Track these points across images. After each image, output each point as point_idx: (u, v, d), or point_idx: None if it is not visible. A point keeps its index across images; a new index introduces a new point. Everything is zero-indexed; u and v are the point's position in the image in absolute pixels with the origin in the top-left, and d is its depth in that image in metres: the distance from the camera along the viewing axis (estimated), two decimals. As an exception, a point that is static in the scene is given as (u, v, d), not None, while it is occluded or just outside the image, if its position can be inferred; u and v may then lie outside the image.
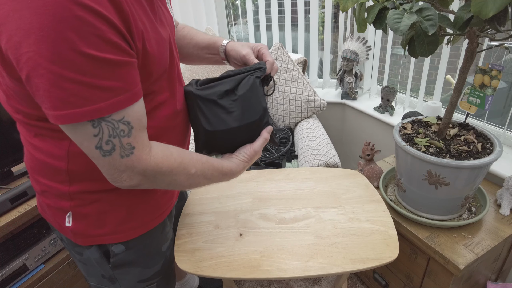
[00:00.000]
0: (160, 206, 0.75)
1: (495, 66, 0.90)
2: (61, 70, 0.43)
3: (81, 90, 0.45)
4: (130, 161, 0.52)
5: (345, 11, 0.84)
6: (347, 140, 2.11)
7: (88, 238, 0.68)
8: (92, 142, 0.49)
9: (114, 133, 0.49)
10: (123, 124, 0.50)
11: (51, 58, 0.42)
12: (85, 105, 0.46)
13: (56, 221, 0.68)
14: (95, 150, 0.50)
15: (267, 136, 0.73)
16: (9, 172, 1.34)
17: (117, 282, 0.76)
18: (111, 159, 0.51)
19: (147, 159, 0.54)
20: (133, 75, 0.50)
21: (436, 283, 1.06)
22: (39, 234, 1.32)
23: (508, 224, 1.07)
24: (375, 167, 1.30)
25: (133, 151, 0.52)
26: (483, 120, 1.43)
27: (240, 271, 0.74)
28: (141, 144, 0.53)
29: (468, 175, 0.92)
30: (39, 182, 0.65)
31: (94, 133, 0.48)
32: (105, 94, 0.47)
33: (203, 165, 0.64)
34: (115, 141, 0.50)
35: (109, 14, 0.45)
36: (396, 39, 2.43)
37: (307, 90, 1.75)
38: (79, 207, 0.65)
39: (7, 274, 1.20)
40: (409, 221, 1.11)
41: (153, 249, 0.77)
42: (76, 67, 0.43)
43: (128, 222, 0.69)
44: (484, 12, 0.63)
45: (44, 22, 0.41)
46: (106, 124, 0.48)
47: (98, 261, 0.72)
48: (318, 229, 0.84)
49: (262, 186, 1.02)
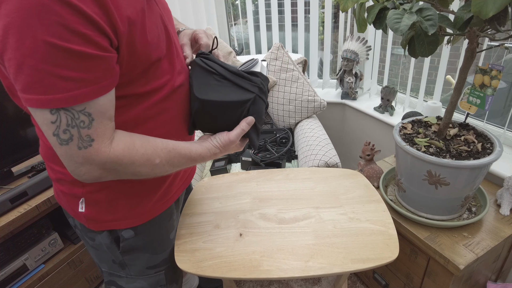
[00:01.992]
0: (168, 192, 0.78)
1: (495, 66, 0.90)
2: (24, 56, 0.44)
3: (43, 78, 0.45)
4: (88, 153, 0.52)
5: (345, 11, 0.84)
6: (347, 140, 2.11)
7: (100, 224, 0.71)
8: (50, 128, 0.49)
9: (73, 123, 0.49)
10: (84, 115, 0.50)
11: (16, 44, 0.44)
12: (47, 93, 0.46)
13: (71, 207, 0.71)
14: (52, 137, 0.50)
15: (244, 127, 0.71)
16: (9, 172, 1.34)
17: (126, 268, 0.78)
18: (68, 148, 0.51)
19: (106, 151, 0.53)
20: (104, 69, 0.50)
21: (436, 283, 1.06)
22: (39, 234, 1.32)
23: (508, 224, 1.07)
24: (375, 167, 1.30)
25: (92, 144, 0.52)
26: (483, 120, 1.43)
27: (240, 271, 0.74)
28: (102, 137, 0.53)
29: (468, 175, 0.92)
30: (54, 170, 0.68)
31: (51, 120, 0.48)
32: (67, 85, 0.47)
33: (168, 154, 0.62)
34: (73, 131, 0.50)
35: (83, 6, 0.45)
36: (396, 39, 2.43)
37: (307, 90, 1.75)
38: (91, 193, 0.67)
39: (7, 274, 1.20)
40: (409, 221, 1.11)
41: (161, 236, 0.80)
42: (39, 55, 0.44)
43: (137, 208, 0.72)
44: (484, 12, 0.63)
45: (11, 9, 0.42)
46: (65, 113, 0.48)
47: (108, 246, 0.75)
48: (318, 229, 0.84)
49: (262, 186, 1.02)
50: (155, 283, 0.82)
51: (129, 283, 0.81)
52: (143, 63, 0.58)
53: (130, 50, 0.54)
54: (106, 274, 0.82)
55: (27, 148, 1.35)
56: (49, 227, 1.37)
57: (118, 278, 0.81)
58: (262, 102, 0.73)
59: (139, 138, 0.60)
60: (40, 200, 1.24)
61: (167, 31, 0.65)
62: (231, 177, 1.08)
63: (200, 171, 1.57)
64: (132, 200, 0.71)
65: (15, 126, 1.29)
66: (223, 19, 2.27)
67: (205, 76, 0.69)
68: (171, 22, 0.72)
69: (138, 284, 0.81)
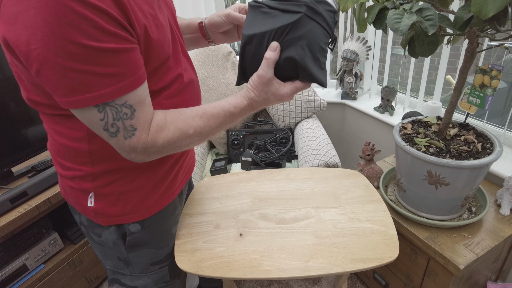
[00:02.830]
0: (172, 185, 0.79)
1: (495, 66, 0.90)
2: (65, 62, 0.48)
3: (86, 78, 0.49)
4: (132, 142, 0.57)
5: (345, 11, 0.84)
6: (347, 140, 2.11)
7: (109, 218, 0.72)
8: (100, 125, 0.54)
9: (118, 116, 0.54)
10: (126, 107, 0.54)
11: (56, 51, 0.47)
12: (91, 92, 0.50)
13: (79, 202, 0.71)
14: (103, 132, 0.55)
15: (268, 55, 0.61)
16: (9, 172, 1.34)
17: (131, 265, 0.79)
18: (117, 139, 0.56)
19: (145, 138, 0.58)
20: (135, 60, 0.54)
21: (436, 283, 1.06)
22: (39, 234, 1.33)
23: (508, 224, 1.07)
24: (375, 167, 1.30)
25: (134, 133, 0.56)
26: (483, 120, 1.43)
27: (240, 271, 0.74)
28: (142, 124, 0.57)
29: (468, 175, 0.92)
30: (64, 166, 0.69)
31: (100, 118, 0.53)
32: (109, 80, 0.51)
33: (200, 120, 0.63)
34: (119, 123, 0.55)
35: (106, 7, 0.48)
36: (396, 39, 2.43)
37: (307, 90, 1.75)
38: (100, 188, 0.69)
39: (7, 274, 1.20)
40: (409, 221, 1.11)
41: (165, 230, 0.81)
42: (79, 58, 0.48)
43: (145, 201, 0.73)
44: (484, 12, 0.63)
45: (47, 20, 0.45)
46: (110, 109, 0.53)
47: (115, 242, 0.75)
48: (318, 229, 0.84)
49: (262, 186, 1.02)
50: (159, 279, 0.83)
51: (133, 281, 0.81)
52: (156, 60, 0.60)
53: (146, 46, 0.57)
54: (109, 272, 0.82)
55: (27, 148, 1.35)
56: (49, 227, 1.37)
57: (122, 276, 0.81)
58: (315, 24, 0.61)
59: (170, 114, 0.61)
60: (40, 200, 1.24)
61: (172, 28, 0.66)
62: (231, 177, 1.08)
63: (200, 171, 1.57)
64: (141, 193, 0.72)
65: (15, 126, 1.29)
66: (223, 19, 2.26)
67: (252, 13, 0.62)
68: (175, 19, 0.73)
69: (142, 282, 0.81)
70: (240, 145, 1.74)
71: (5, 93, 1.23)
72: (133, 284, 0.82)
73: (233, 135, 1.75)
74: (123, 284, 0.82)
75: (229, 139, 1.75)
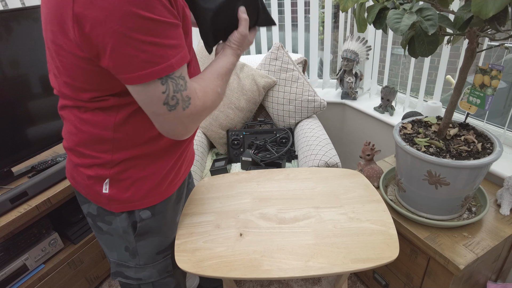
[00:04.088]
0: (178, 173, 0.82)
1: (495, 66, 0.91)
2: (141, 36, 0.52)
3: (157, 50, 0.54)
4: (189, 111, 0.61)
5: (345, 11, 0.84)
6: (347, 140, 2.11)
7: (122, 205, 0.74)
8: (160, 99, 0.57)
9: (177, 88, 0.58)
10: (181, 79, 0.59)
11: (133, 27, 0.51)
12: (162, 62, 0.55)
13: (94, 190, 0.73)
14: (163, 107, 0.58)
15: (244, 16, 0.73)
16: (9, 172, 1.34)
17: (137, 256, 0.81)
18: (176, 112, 0.60)
19: (199, 103, 0.63)
20: (183, 35, 0.60)
21: (436, 283, 1.06)
22: (39, 234, 1.33)
23: (508, 224, 1.07)
24: (375, 167, 1.30)
25: (190, 101, 0.61)
26: (483, 120, 1.43)
27: (241, 271, 0.74)
28: (193, 93, 0.62)
29: (468, 175, 0.92)
30: (84, 154, 0.71)
31: (162, 90, 0.57)
32: (172, 51, 0.56)
33: (219, 79, 0.70)
34: (178, 95, 0.59)
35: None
36: (396, 39, 2.43)
37: (307, 90, 1.75)
38: (117, 174, 0.71)
39: (7, 274, 1.20)
40: (409, 221, 1.11)
41: (171, 218, 0.85)
42: (151, 31, 0.53)
43: (156, 187, 0.76)
44: (484, 12, 0.63)
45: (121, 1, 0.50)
46: (171, 81, 0.57)
47: (125, 230, 0.77)
48: (318, 229, 0.84)
49: (262, 186, 1.02)
50: (163, 269, 0.85)
51: (138, 273, 0.83)
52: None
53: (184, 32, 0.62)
54: (113, 264, 0.83)
55: (27, 148, 1.35)
56: (49, 227, 1.37)
57: (126, 268, 0.82)
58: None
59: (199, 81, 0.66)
60: (40, 200, 1.24)
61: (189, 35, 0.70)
62: (231, 177, 1.08)
63: (200, 171, 1.57)
64: (153, 179, 0.75)
65: (15, 126, 1.29)
66: (223, 19, 2.26)
67: None
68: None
69: (147, 273, 0.83)
70: (240, 145, 1.74)
71: (5, 93, 1.23)
72: (138, 276, 0.83)
73: (233, 135, 1.75)
74: (126, 276, 0.83)
75: (229, 139, 1.75)
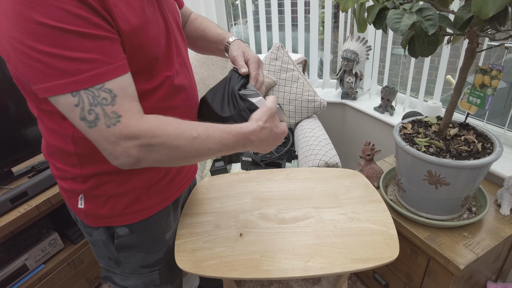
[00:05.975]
0: (166, 191, 0.77)
1: (495, 66, 0.90)
2: (34, 44, 0.45)
3: (56, 63, 0.47)
4: (118, 129, 0.50)
5: (345, 11, 0.84)
6: (347, 140, 2.11)
7: (97, 220, 0.72)
8: (76, 113, 0.49)
9: (95, 101, 0.49)
10: (104, 92, 0.50)
11: (23, 33, 0.45)
12: (64, 77, 0.47)
13: (71, 203, 0.72)
14: (80, 122, 0.50)
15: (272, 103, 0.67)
16: (9, 172, 1.34)
17: (121, 265, 0.79)
18: (98, 130, 0.50)
19: (137, 124, 0.52)
20: (113, 50, 0.51)
21: (436, 283, 1.06)
22: (39, 234, 1.33)
23: (508, 224, 1.07)
24: (375, 167, 1.30)
25: (120, 119, 0.51)
26: (483, 120, 1.43)
27: (241, 271, 0.74)
28: (129, 112, 0.52)
29: (468, 175, 0.92)
30: (56, 167, 0.69)
31: (74, 103, 0.49)
32: (83, 66, 0.48)
33: (206, 128, 0.58)
34: (97, 109, 0.49)
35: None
36: (396, 39, 2.42)
37: (307, 90, 1.75)
38: (90, 190, 0.68)
39: (7, 274, 1.20)
40: (409, 221, 1.11)
41: (157, 236, 0.80)
42: (47, 40, 0.45)
43: (134, 205, 0.72)
44: (484, 12, 0.63)
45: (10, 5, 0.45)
46: (85, 93, 0.49)
47: (104, 242, 0.75)
48: (318, 229, 0.84)
49: (262, 186, 1.02)
50: (149, 282, 0.83)
51: (124, 281, 0.82)
52: (142, 59, 0.58)
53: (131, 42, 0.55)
54: (103, 269, 0.83)
55: (27, 148, 1.35)
56: (49, 227, 1.37)
57: (114, 274, 0.82)
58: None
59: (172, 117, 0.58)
60: (40, 200, 1.24)
61: (168, 29, 0.65)
62: (231, 177, 1.08)
63: (200, 171, 1.57)
64: (130, 197, 0.71)
65: (15, 126, 1.29)
66: (223, 19, 2.27)
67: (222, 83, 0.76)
68: (176, 20, 0.71)
69: (132, 282, 0.82)
70: (240, 145, 1.74)
71: (5, 93, 1.23)
72: (124, 284, 0.82)
73: (233, 135, 1.74)
74: (114, 282, 0.83)
75: (229, 139, 1.75)
